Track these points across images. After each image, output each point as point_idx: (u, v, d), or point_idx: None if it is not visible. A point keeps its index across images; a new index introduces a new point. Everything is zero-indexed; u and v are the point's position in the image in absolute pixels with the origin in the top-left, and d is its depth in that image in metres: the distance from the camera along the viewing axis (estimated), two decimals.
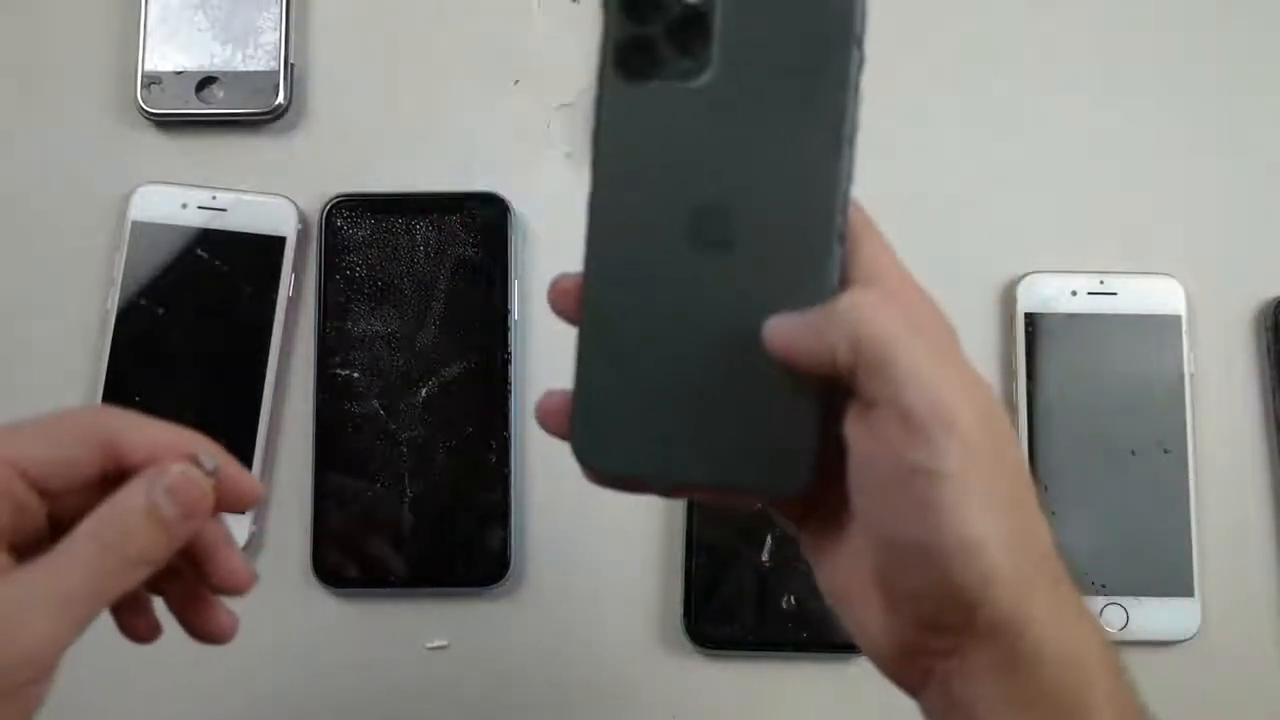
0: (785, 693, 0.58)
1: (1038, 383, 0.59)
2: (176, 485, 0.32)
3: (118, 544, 0.32)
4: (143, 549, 0.32)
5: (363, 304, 0.60)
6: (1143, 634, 0.58)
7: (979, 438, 0.30)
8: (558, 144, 0.63)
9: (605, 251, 0.34)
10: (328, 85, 0.64)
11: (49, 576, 0.31)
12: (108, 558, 0.32)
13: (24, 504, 0.33)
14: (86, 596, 0.31)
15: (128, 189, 0.61)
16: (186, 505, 0.32)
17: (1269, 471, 0.60)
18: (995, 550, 0.30)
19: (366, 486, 0.58)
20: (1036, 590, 0.31)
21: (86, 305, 0.61)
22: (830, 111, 0.33)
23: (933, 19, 0.65)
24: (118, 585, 0.32)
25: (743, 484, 0.33)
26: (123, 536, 0.32)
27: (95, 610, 0.32)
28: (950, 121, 0.64)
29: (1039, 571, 0.31)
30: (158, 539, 0.32)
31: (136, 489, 0.32)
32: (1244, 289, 0.62)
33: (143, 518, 0.32)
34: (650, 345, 0.33)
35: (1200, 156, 0.63)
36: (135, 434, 0.33)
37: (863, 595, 0.33)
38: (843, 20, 0.33)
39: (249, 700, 0.58)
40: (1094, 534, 0.58)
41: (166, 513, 0.32)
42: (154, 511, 0.32)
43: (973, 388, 0.31)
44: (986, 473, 0.30)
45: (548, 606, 0.59)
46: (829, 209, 0.32)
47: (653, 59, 0.33)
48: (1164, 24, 0.64)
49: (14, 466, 0.32)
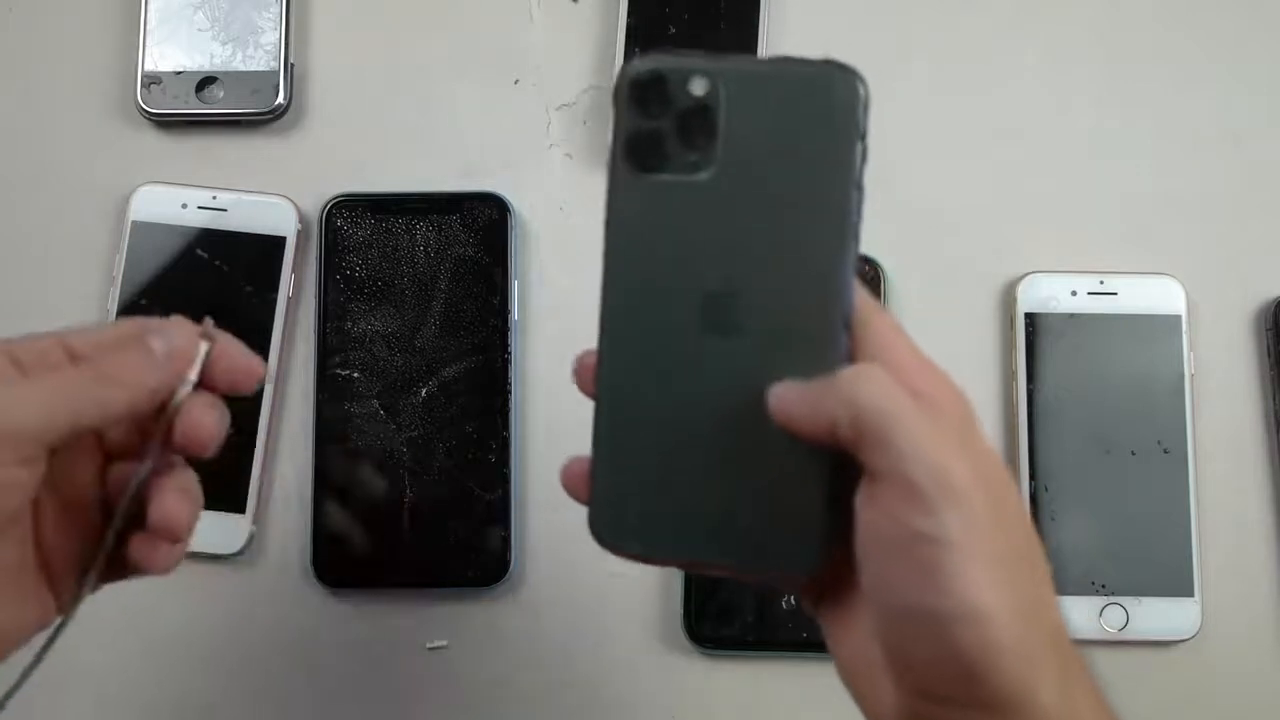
0: (785, 693, 0.58)
1: (1038, 383, 0.59)
2: (168, 325, 0.36)
3: (104, 363, 0.35)
4: (124, 370, 0.35)
5: (363, 304, 0.60)
6: (1143, 634, 0.58)
7: (983, 507, 0.30)
8: (558, 144, 0.63)
9: (618, 335, 0.35)
10: (328, 85, 0.64)
11: (37, 378, 0.35)
12: (93, 370, 0.35)
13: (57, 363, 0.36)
14: (66, 395, 0.34)
15: (128, 189, 0.61)
16: (172, 344, 0.36)
17: (1269, 471, 0.60)
18: (1000, 619, 0.30)
19: (366, 487, 0.58)
20: (1045, 667, 0.30)
21: (86, 305, 0.61)
22: (833, 204, 0.34)
23: (933, 19, 0.65)
24: (96, 395, 0.35)
25: (756, 565, 0.35)
26: (111, 358, 0.35)
27: (70, 411, 0.34)
28: (950, 121, 0.64)
29: (1048, 648, 0.31)
30: (140, 366, 0.35)
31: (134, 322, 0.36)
32: (1244, 289, 0.62)
33: (132, 348, 0.36)
34: (663, 428, 0.34)
35: (1200, 156, 0.63)
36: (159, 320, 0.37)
37: (870, 668, 0.33)
38: (846, 116, 0.34)
39: (249, 700, 0.58)
40: (1094, 534, 0.58)
41: (155, 347, 0.36)
42: (142, 340, 0.36)
43: (979, 457, 0.31)
44: (992, 542, 0.30)
45: (548, 606, 0.59)
46: (834, 296, 0.33)
47: (660, 152, 0.34)
48: (1165, 23, 0.64)
49: (59, 340, 0.36)
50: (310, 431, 0.59)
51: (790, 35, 0.64)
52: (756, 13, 0.63)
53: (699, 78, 0.34)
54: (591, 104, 0.64)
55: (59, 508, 0.37)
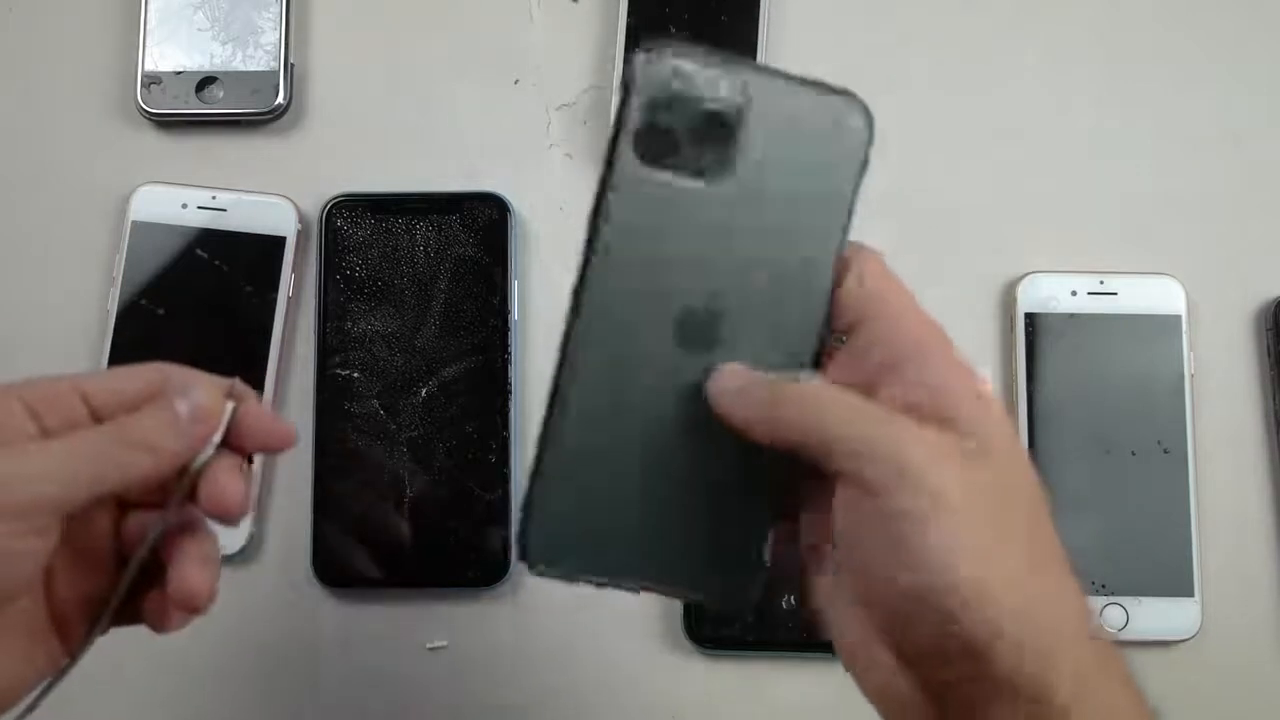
0: (785, 693, 0.58)
1: (1038, 383, 0.59)
2: (191, 392, 0.35)
3: (126, 426, 0.34)
4: (147, 434, 0.34)
5: (363, 304, 0.60)
6: (1143, 634, 0.58)
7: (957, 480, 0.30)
8: (558, 144, 0.63)
9: (589, 334, 0.34)
10: (328, 85, 0.64)
11: (57, 441, 0.34)
12: (114, 434, 0.34)
13: (75, 418, 0.35)
14: (87, 460, 0.34)
15: (128, 189, 0.61)
16: (196, 409, 0.35)
17: (1269, 471, 0.60)
18: (1000, 591, 0.30)
19: (366, 486, 0.58)
20: (1064, 646, 0.30)
21: (86, 305, 0.61)
22: (831, 232, 0.34)
23: (933, 19, 0.65)
24: (118, 461, 0.34)
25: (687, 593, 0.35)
26: (132, 421, 0.35)
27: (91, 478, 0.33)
28: (950, 121, 0.64)
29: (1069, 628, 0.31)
30: (162, 428, 0.35)
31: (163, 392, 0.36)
32: (1244, 289, 0.62)
33: (154, 410, 0.35)
34: (617, 438, 0.33)
35: (1200, 156, 0.63)
36: (181, 372, 0.37)
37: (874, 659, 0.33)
38: (859, 147, 0.34)
39: (248, 700, 0.58)
40: (1094, 534, 0.58)
41: (179, 410, 0.35)
42: (167, 406, 0.35)
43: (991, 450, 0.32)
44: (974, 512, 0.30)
45: (548, 606, 0.59)
46: (812, 321, 0.34)
47: (674, 150, 0.33)
48: (1165, 23, 0.64)
49: (73, 384, 0.35)
50: (310, 431, 0.59)
51: (790, 36, 0.64)
52: (756, 13, 0.63)
53: (725, 83, 0.33)
54: (591, 104, 0.64)
55: (71, 557, 0.36)
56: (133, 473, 0.34)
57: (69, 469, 0.33)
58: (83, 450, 0.34)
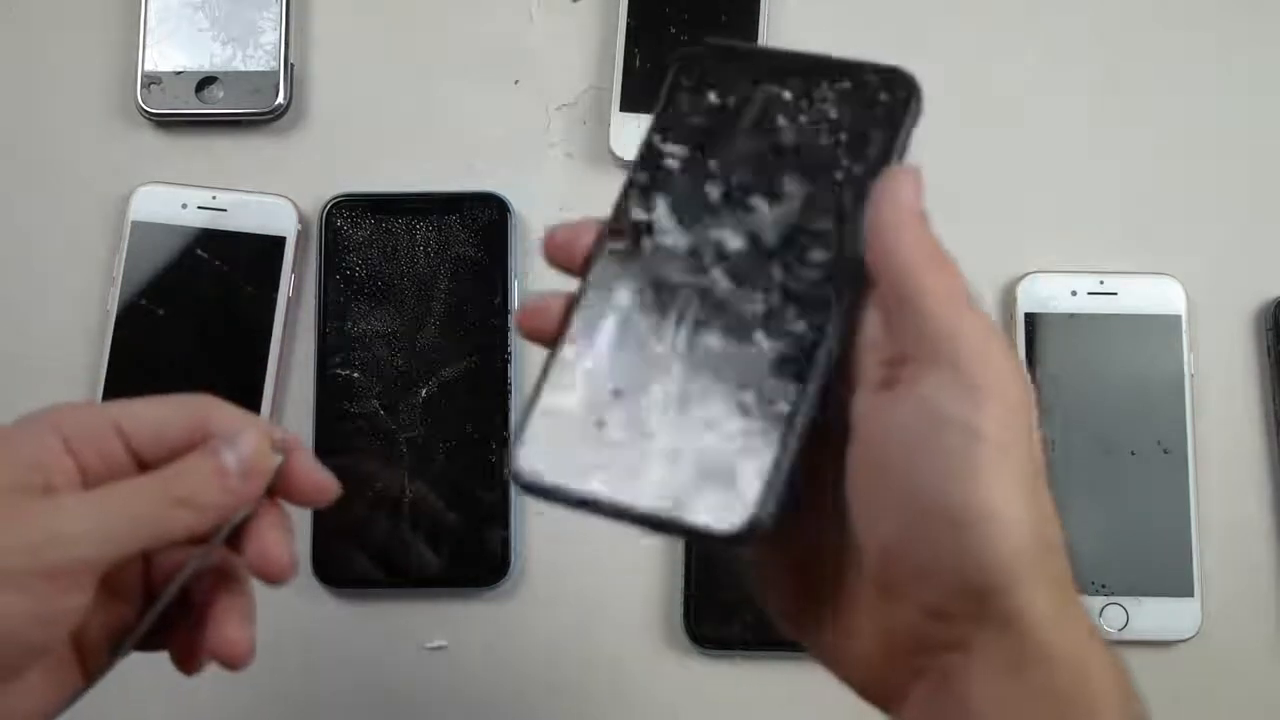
0: (785, 693, 0.58)
1: (1038, 383, 0.59)
2: (239, 443, 0.34)
3: (170, 481, 0.33)
4: (193, 490, 0.33)
5: (363, 304, 0.60)
6: (1143, 634, 0.58)
7: (1019, 413, 0.29)
8: (558, 144, 0.63)
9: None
10: (328, 85, 0.64)
11: (97, 496, 0.33)
12: (157, 490, 0.33)
13: (113, 456, 0.34)
14: (127, 519, 0.32)
15: (128, 189, 0.61)
16: (244, 463, 0.34)
17: (1269, 471, 0.60)
18: (1021, 532, 0.29)
19: (366, 486, 0.58)
20: (1043, 584, 0.29)
21: (86, 305, 0.61)
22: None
23: (933, 19, 0.65)
24: (162, 520, 0.33)
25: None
26: (177, 476, 0.33)
27: (132, 538, 0.32)
28: (950, 121, 0.63)
29: (1051, 565, 0.30)
30: (209, 485, 0.33)
31: (208, 445, 0.34)
32: (1244, 289, 0.62)
33: (200, 463, 0.34)
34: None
35: (1200, 156, 0.63)
36: (225, 412, 0.35)
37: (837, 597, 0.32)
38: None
39: (248, 699, 0.58)
40: (1094, 534, 0.58)
41: (226, 464, 0.34)
42: (213, 460, 0.34)
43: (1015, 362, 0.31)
44: (1020, 448, 0.29)
45: (548, 606, 0.59)
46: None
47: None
48: (1165, 23, 0.64)
49: (113, 421, 0.34)
50: (310, 431, 0.59)
51: (790, 36, 0.64)
52: (757, 13, 0.63)
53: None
54: (591, 104, 0.64)
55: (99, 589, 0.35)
56: (176, 531, 0.33)
57: (109, 528, 0.32)
58: (124, 509, 0.32)
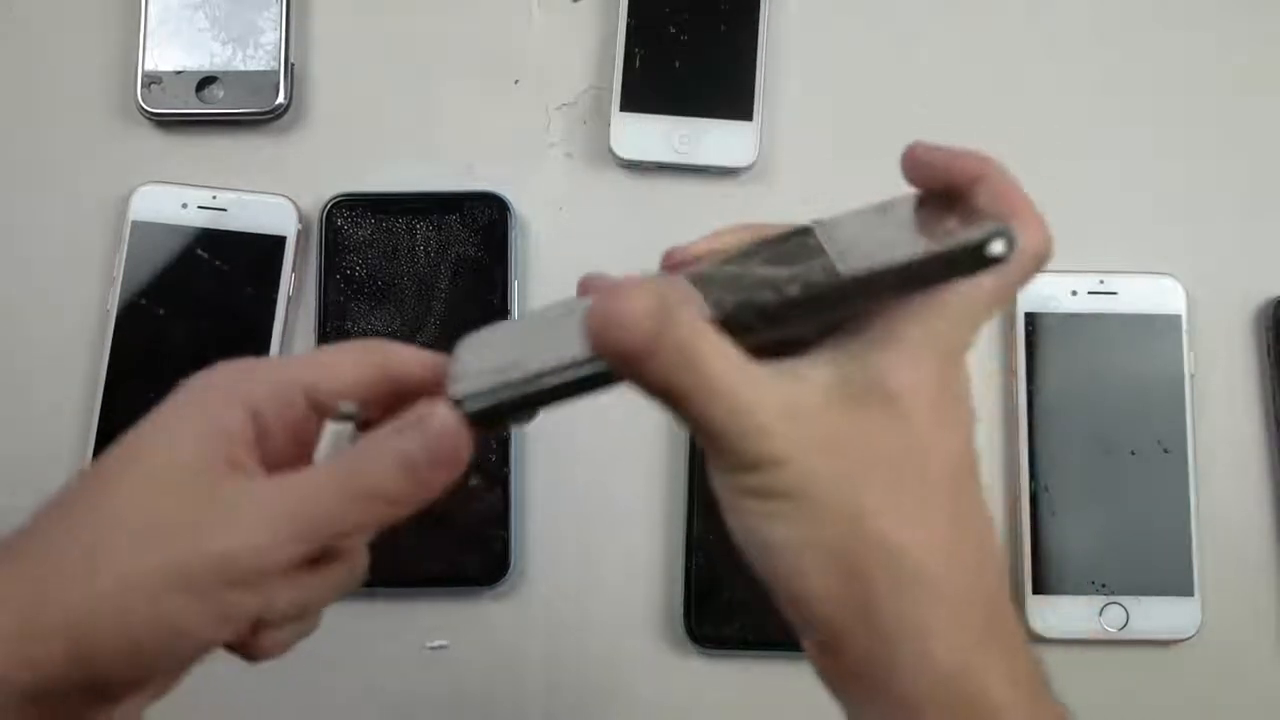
0: (785, 693, 0.58)
1: (1038, 383, 0.59)
2: (428, 428, 0.31)
3: (356, 474, 0.31)
4: (380, 483, 0.31)
5: (363, 304, 0.60)
6: (1143, 634, 0.58)
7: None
8: (558, 144, 0.63)
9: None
10: (328, 85, 0.64)
11: (276, 488, 0.31)
12: (342, 484, 0.31)
13: (295, 421, 0.33)
14: (308, 517, 0.30)
15: (128, 189, 0.61)
16: (434, 452, 0.31)
17: (1269, 471, 0.60)
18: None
19: None
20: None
21: (86, 305, 0.61)
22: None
23: (932, 19, 0.65)
24: (348, 515, 0.31)
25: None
26: (363, 467, 0.31)
27: (315, 535, 0.31)
28: (950, 121, 0.63)
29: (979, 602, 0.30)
30: (397, 477, 0.31)
31: (391, 426, 0.31)
32: (1244, 289, 0.62)
33: (387, 452, 0.31)
34: None
35: (1200, 156, 0.63)
36: (405, 359, 0.33)
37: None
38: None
39: (248, 699, 0.58)
40: (1094, 534, 0.58)
41: (415, 455, 0.31)
42: (400, 450, 0.31)
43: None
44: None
45: (548, 606, 0.59)
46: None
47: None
48: (1165, 22, 0.64)
49: (296, 386, 0.32)
50: None
51: (790, 36, 0.64)
52: (756, 13, 0.63)
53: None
54: (591, 104, 0.64)
55: None
56: (367, 525, 0.31)
57: (296, 530, 0.30)
58: (310, 510, 0.31)
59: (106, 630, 0.30)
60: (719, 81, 0.62)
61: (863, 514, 0.30)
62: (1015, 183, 0.33)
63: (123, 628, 0.30)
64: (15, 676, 0.29)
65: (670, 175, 0.63)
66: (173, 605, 0.30)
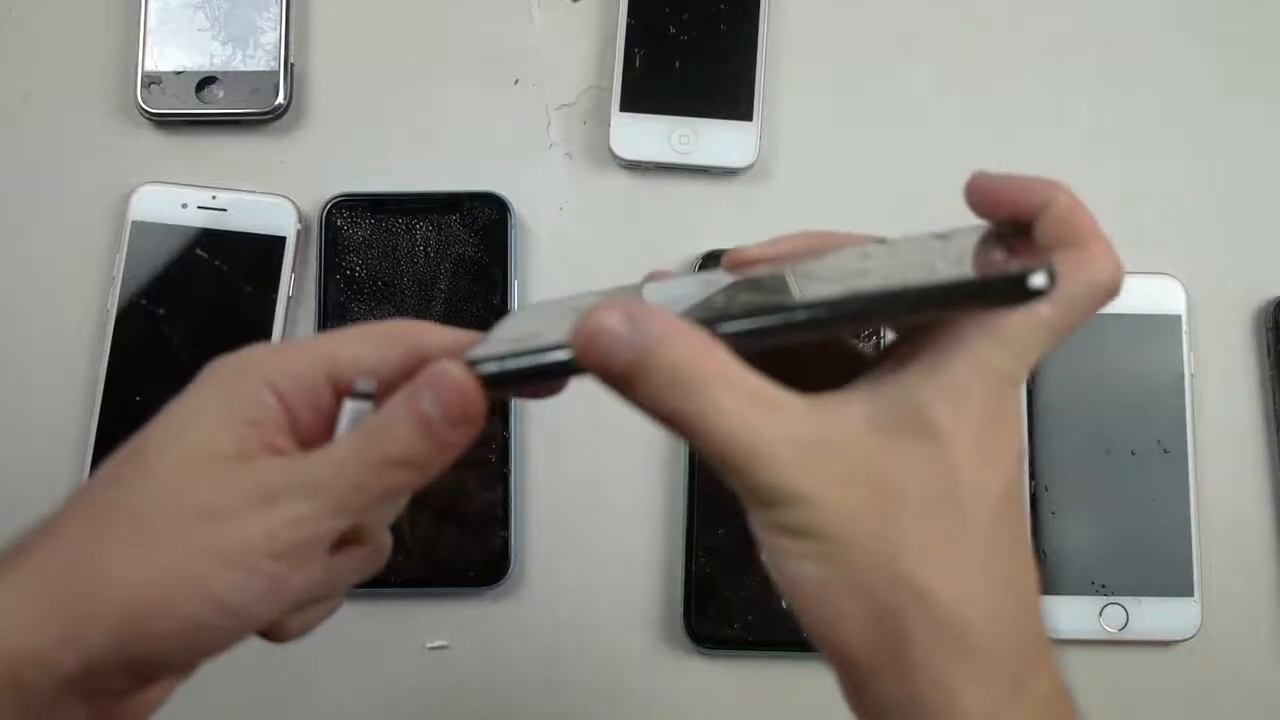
0: (785, 693, 0.58)
1: (1038, 383, 0.59)
2: (441, 385, 0.30)
3: (375, 440, 0.31)
4: (403, 449, 0.31)
5: (363, 304, 0.60)
6: (1143, 634, 0.58)
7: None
8: (558, 144, 0.63)
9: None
10: (328, 85, 0.64)
11: (305, 464, 0.31)
12: (363, 453, 0.31)
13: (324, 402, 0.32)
14: (337, 487, 0.30)
15: (128, 189, 0.61)
16: (448, 407, 0.30)
17: (1269, 471, 0.60)
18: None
19: None
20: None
21: (86, 305, 0.61)
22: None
23: (932, 19, 0.65)
24: (374, 483, 0.31)
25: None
26: (382, 433, 0.31)
27: (346, 506, 0.31)
28: (950, 121, 0.63)
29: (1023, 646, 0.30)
30: (417, 440, 0.31)
31: (404, 390, 0.31)
32: (1244, 289, 0.62)
33: (403, 415, 0.31)
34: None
35: (1200, 156, 0.63)
36: (437, 332, 0.33)
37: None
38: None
39: (248, 699, 0.58)
40: (1094, 534, 0.58)
41: (430, 413, 0.30)
42: (415, 409, 0.30)
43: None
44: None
45: (548, 606, 0.59)
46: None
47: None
48: (1164, 23, 0.65)
49: (325, 369, 0.32)
50: None
51: (790, 36, 0.64)
52: (757, 13, 0.63)
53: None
54: (591, 104, 0.64)
55: None
56: (403, 489, 0.32)
57: (337, 502, 0.30)
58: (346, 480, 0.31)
59: (160, 611, 0.30)
60: (719, 81, 0.62)
61: (896, 555, 0.29)
62: (1084, 210, 0.32)
63: (177, 608, 0.30)
64: (63, 658, 0.30)
65: (670, 175, 0.63)
66: (225, 583, 0.30)
